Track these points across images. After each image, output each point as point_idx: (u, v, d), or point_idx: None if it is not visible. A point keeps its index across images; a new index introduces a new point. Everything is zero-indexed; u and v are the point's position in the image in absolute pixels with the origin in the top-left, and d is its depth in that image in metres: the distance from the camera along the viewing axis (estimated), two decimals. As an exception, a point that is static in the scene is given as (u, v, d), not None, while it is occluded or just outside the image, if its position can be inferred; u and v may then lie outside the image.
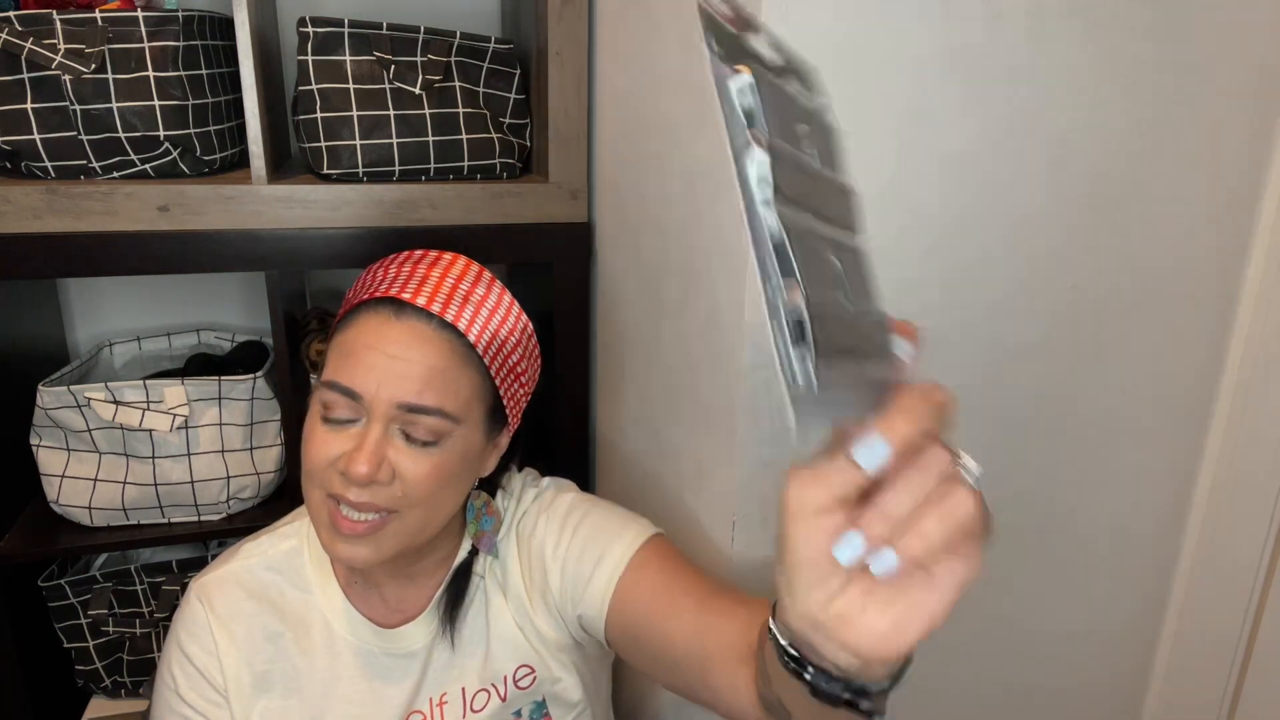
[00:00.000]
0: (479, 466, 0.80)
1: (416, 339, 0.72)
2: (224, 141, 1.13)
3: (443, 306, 0.74)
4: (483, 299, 0.77)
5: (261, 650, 0.82)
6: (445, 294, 0.75)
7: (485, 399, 0.76)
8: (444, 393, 0.72)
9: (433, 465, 0.73)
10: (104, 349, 1.37)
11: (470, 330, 0.74)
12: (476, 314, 0.76)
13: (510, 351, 0.78)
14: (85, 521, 1.20)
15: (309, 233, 1.11)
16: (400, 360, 0.71)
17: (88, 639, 1.29)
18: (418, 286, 0.75)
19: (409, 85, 1.11)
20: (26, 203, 1.03)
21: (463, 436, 0.75)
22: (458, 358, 0.74)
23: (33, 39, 1.00)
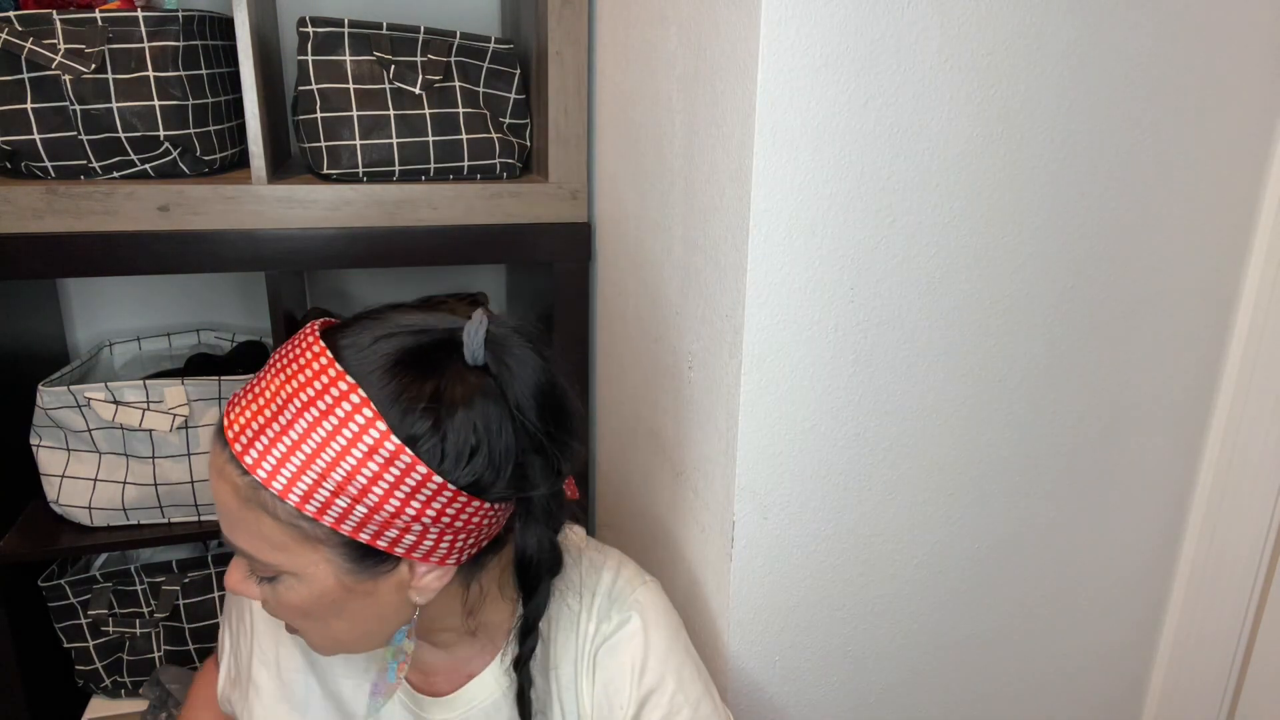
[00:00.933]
0: (379, 603, 0.65)
1: (213, 469, 0.63)
2: (224, 141, 1.13)
3: (239, 432, 0.60)
4: (308, 429, 0.59)
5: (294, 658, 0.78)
6: (255, 417, 0.60)
7: (325, 542, 0.61)
8: (245, 535, 0.62)
9: (282, 601, 0.65)
10: (104, 349, 1.36)
11: (259, 468, 0.59)
12: (288, 452, 0.59)
13: (359, 493, 0.59)
14: (85, 521, 1.20)
15: (309, 233, 1.11)
16: (211, 489, 0.64)
17: (88, 639, 1.29)
18: (244, 403, 0.62)
19: (409, 85, 1.11)
20: (26, 203, 1.03)
21: (303, 580, 0.63)
22: (245, 501, 0.61)
23: (33, 39, 1.00)
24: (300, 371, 0.61)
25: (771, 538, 0.86)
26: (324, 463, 0.59)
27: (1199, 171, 0.88)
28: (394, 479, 0.59)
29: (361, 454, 0.59)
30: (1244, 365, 0.96)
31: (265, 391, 0.61)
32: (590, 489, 1.35)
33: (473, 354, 0.62)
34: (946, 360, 0.86)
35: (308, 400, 0.59)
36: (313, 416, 0.59)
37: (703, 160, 0.84)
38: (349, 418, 0.59)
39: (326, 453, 0.59)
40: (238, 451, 0.60)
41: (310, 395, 0.59)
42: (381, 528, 0.61)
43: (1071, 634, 1.04)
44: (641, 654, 0.75)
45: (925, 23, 0.74)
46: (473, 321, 0.63)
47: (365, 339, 0.62)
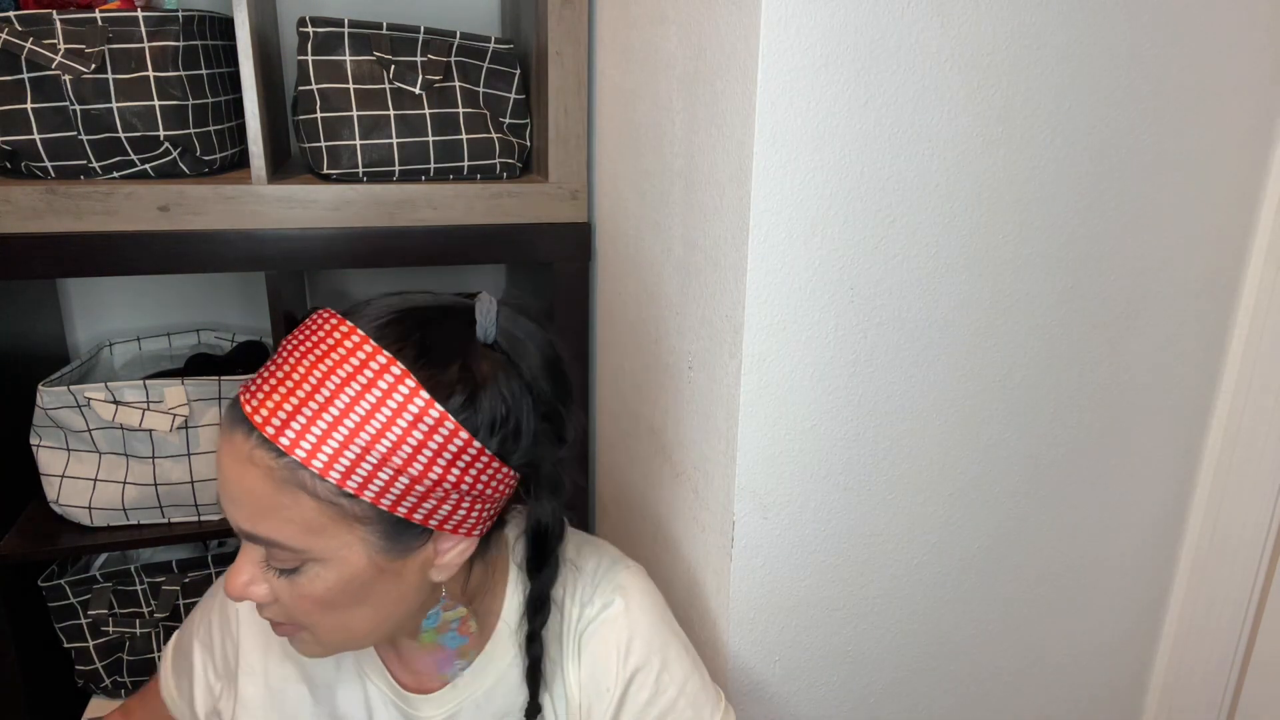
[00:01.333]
0: (403, 584, 0.66)
1: (237, 458, 0.61)
2: (224, 141, 1.13)
3: (268, 416, 0.60)
4: (348, 406, 0.60)
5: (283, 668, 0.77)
6: (285, 399, 0.60)
7: (363, 520, 0.62)
8: (276, 522, 0.61)
9: (303, 594, 0.63)
10: (104, 349, 1.36)
11: (297, 448, 0.59)
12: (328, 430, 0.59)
13: (403, 464, 0.60)
14: (85, 521, 1.20)
15: (309, 233, 1.11)
16: (230, 482, 0.62)
17: (88, 639, 1.29)
18: (268, 388, 0.62)
19: (409, 85, 1.11)
20: (26, 203, 1.03)
21: (332, 565, 0.63)
22: (280, 484, 0.60)
23: (33, 39, 1.00)
24: (332, 351, 0.62)
25: (771, 538, 0.86)
26: (367, 437, 0.60)
27: (1199, 171, 0.88)
28: (436, 447, 0.61)
29: (405, 424, 0.60)
30: (1244, 364, 0.96)
31: (293, 374, 0.61)
32: (590, 489, 1.35)
33: (485, 332, 0.65)
34: (946, 360, 0.86)
35: (345, 377, 0.60)
36: (353, 392, 0.60)
37: (703, 160, 0.84)
38: (392, 389, 0.60)
39: (370, 427, 0.60)
40: (271, 434, 0.59)
41: (347, 372, 0.61)
42: (420, 499, 0.62)
43: (1072, 633, 1.04)
44: (626, 635, 0.76)
45: (925, 23, 0.74)
46: (482, 303, 0.66)
47: (385, 319, 0.63)
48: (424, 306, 0.66)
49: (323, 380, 0.61)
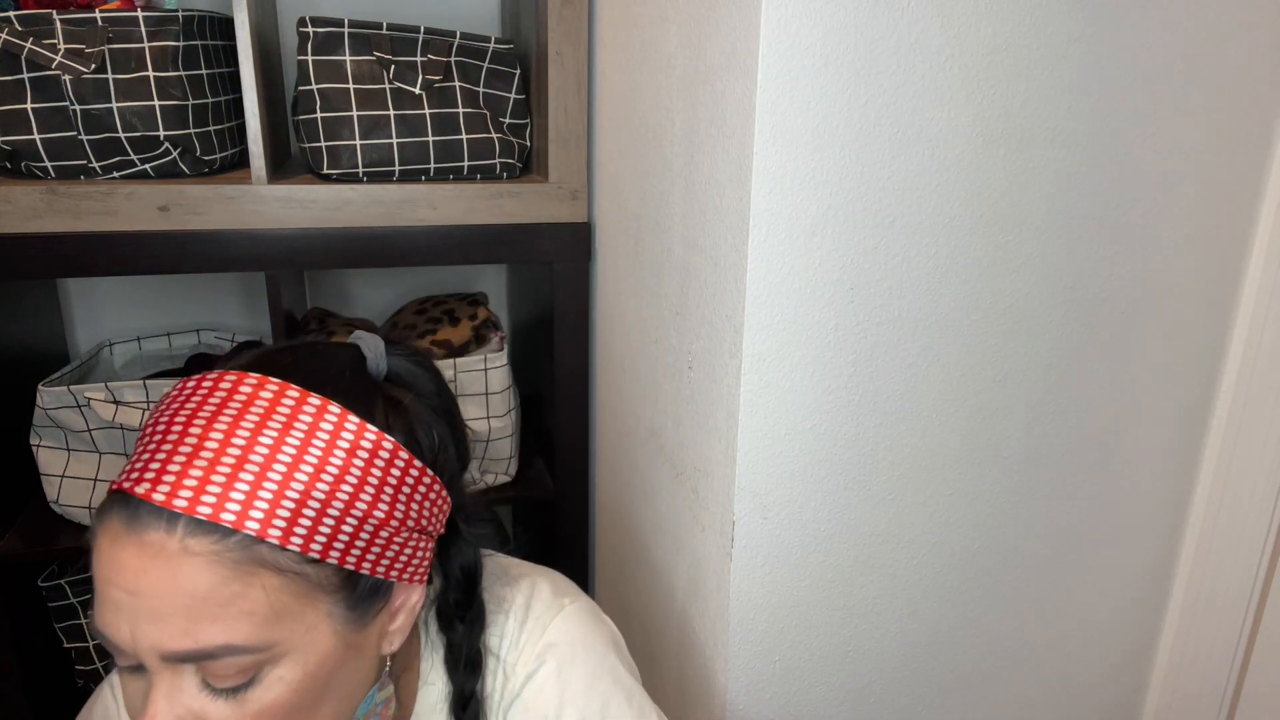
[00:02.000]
0: (363, 661, 0.58)
1: (158, 561, 0.50)
2: (224, 141, 1.13)
3: (195, 495, 0.50)
4: (280, 456, 0.52)
5: None
6: (208, 471, 0.51)
7: (324, 585, 0.54)
8: (227, 623, 0.50)
9: (258, 710, 0.52)
10: (104, 349, 1.36)
11: (247, 520, 0.50)
12: (277, 491, 0.51)
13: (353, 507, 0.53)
14: (85, 521, 1.20)
15: (309, 233, 1.11)
16: (145, 597, 0.50)
17: (88, 639, 1.29)
18: (175, 466, 0.51)
19: (409, 85, 1.11)
20: (26, 203, 1.03)
21: (296, 658, 0.53)
22: (231, 570, 0.50)
23: (33, 39, 1.00)
24: (227, 403, 0.53)
25: (771, 538, 0.86)
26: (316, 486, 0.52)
27: (1199, 171, 0.88)
28: (379, 474, 0.55)
29: (343, 458, 0.53)
30: (1244, 365, 0.96)
31: (199, 441, 0.52)
32: (590, 489, 1.35)
33: (376, 367, 0.62)
34: (946, 360, 0.86)
35: (256, 426, 0.52)
36: (275, 440, 0.52)
37: (703, 160, 0.84)
38: (316, 423, 0.53)
39: (314, 474, 0.52)
40: (208, 513, 0.50)
41: (256, 419, 0.52)
42: (381, 547, 0.56)
43: (1072, 633, 1.04)
44: (556, 701, 0.67)
45: (925, 23, 0.74)
46: (365, 340, 0.62)
47: (266, 360, 0.57)
48: (302, 345, 0.62)
49: (233, 436, 0.52)
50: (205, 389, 0.55)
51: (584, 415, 1.29)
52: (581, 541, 1.36)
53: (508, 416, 1.29)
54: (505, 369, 1.27)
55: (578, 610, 0.71)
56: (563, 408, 1.27)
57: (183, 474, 0.51)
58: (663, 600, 1.05)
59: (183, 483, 0.51)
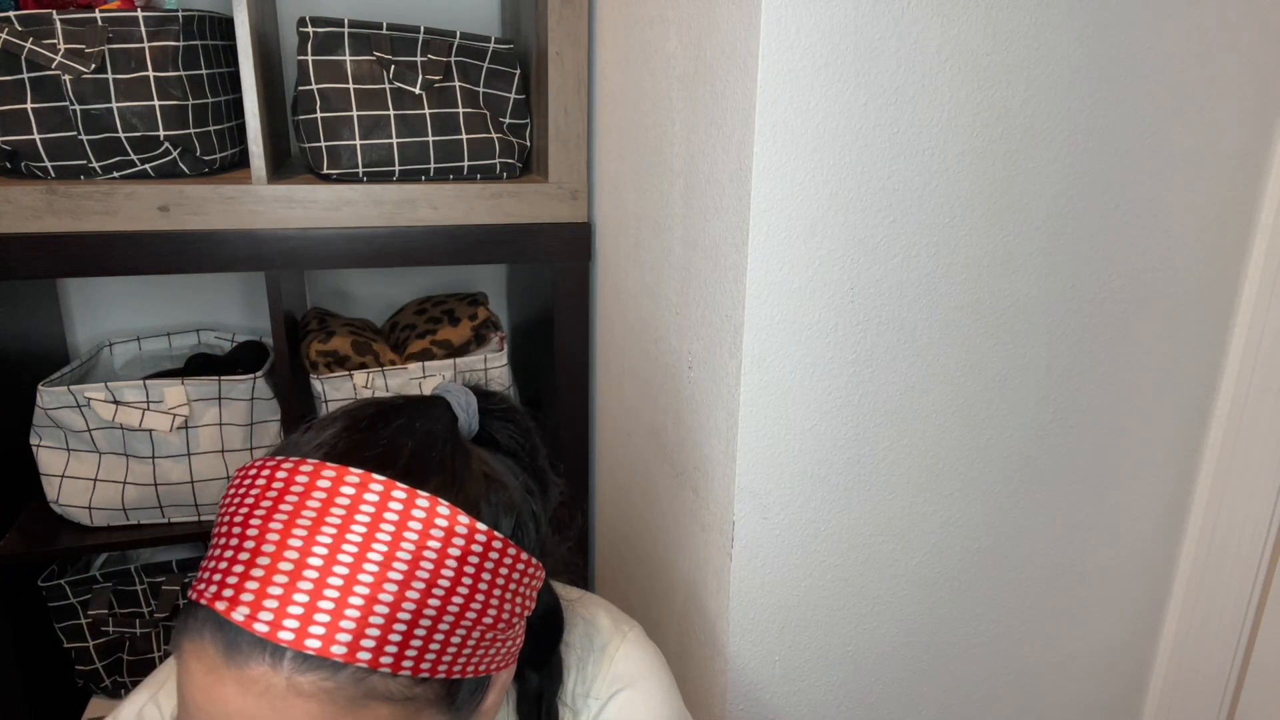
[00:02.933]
0: None
1: (263, 701, 0.46)
2: (224, 141, 1.13)
3: (301, 626, 0.45)
4: (382, 567, 0.47)
5: None
6: (314, 596, 0.46)
7: (430, 700, 0.51)
8: None
9: None
10: (104, 349, 1.36)
11: (359, 651, 0.46)
12: (388, 617, 0.47)
13: (461, 614, 0.50)
14: (85, 521, 1.20)
15: (309, 233, 1.11)
16: None
17: (88, 639, 1.29)
18: (259, 580, 0.46)
19: (409, 85, 1.11)
20: (26, 203, 1.03)
21: None
22: (345, 704, 0.47)
23: (33, 39, 1.00)
24: (330, 506, 0.48)
25: (771, 538, 0.86)
26: (423, 600, 0.47)
27: (1199, 171, 0.88)
28: (490, 574, 0.51)
29: (455, 561, 0.49)
30: (1244, 364, 0.96)
31: (305, 559, 0.47)
32: (590, 489, 1.35)
33: (469, 426, 0.58)
34: (946, 360, 0.86)
35: (364, 534, 0.47)
36: (382, 552, 0.47)
37: (703, 160, 0.84)
38: (427, 528, 0.48)
39: (416, 586, 0.47)
40: (317, 647, 0.45)
41: (365, 525, 0.47)
42: (486, 649, 0.52)
43: (1072, 633, 1.04)
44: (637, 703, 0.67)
45: (925, 23, 0.74)
46: (456, 395, 0.58)
47: (373, 448, 0.52)
48: (393, 417, 0.55)
49: (339, 552, 0.47)
50: (300, 486, 0.49)
51: (584, 415, 1.29)
52: (582, 542, 1.36)
53: (508, 416, 1.29)
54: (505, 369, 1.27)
55: (638, 638, 0.71)
56: (563, 408, 1.27)
57: (286, 599, 0.46)
58: (663, 600, 1.05)
59: (287, 610, 0.45)
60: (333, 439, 0.52)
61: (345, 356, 1.22)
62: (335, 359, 1.21)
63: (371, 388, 1.20)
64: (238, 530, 0.49)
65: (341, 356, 1.21)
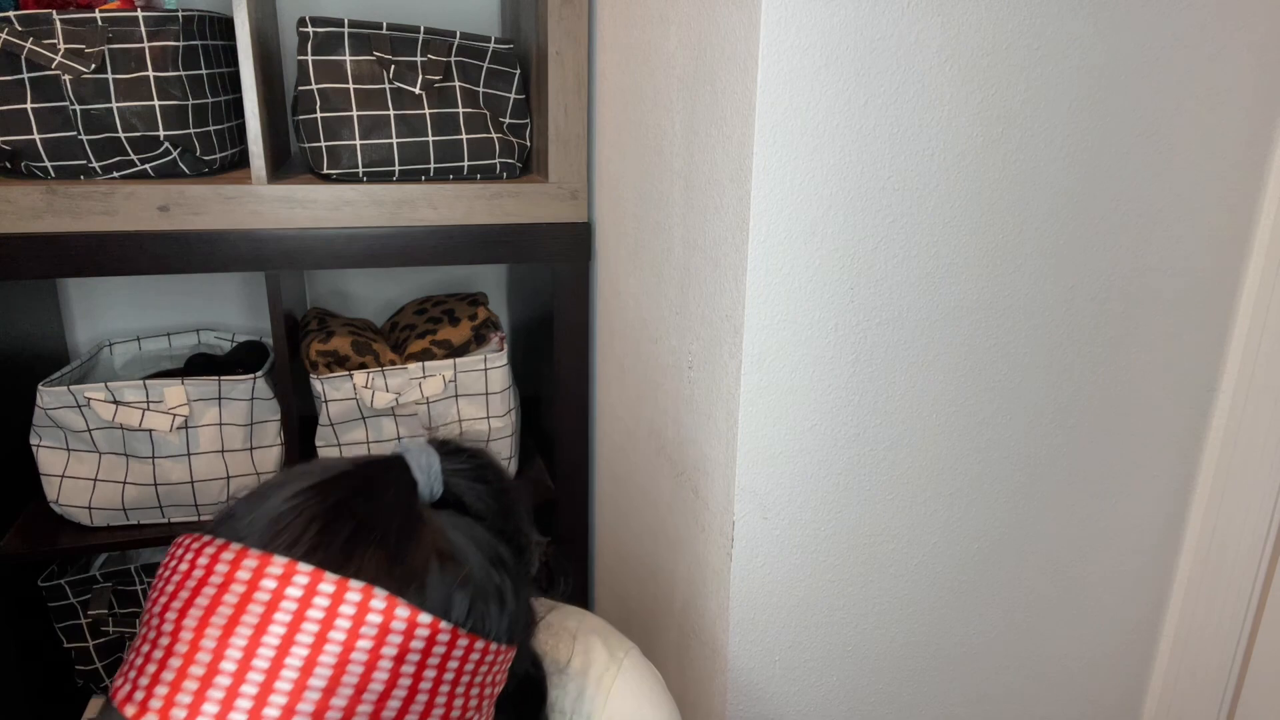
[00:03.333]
0: None
1: None
2: (224, 141, 1.13)
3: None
4: (305, 665, 0.44)
5: None
6: (213, 699, 0.43)
7: None
8: None
9: None
10: (104, 349, 1.36)
11: None
12: (286, 714, 0.43)
13: (399, 713, 0.45)
14: (85, 521, 1.20)
15: (309, 233, 1.11)
16: None
17: (88, 639, 1.29)
18: (169, 685, 0.44)
19: (409, 85, 1.11)
20: (26, 203, 1.03)
21: None
22: None
23: (33, 39, 1.00)
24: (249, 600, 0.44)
25: (771, 538, 0.86)
26: (343, 701, 0.44)
27: (1199, 171, 0.88)
28: (437, 662, 0.47)
29: (368, 646, 0.45)
30: (1244, 364, 0.96)
31: (191, 661, 0.44)
32: (590, 489, 1.35)
33: (431, 490, 0.53)
34: (946, 360, 0.86)
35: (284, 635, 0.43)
36: (303, 656, 0.43)
37: (703, 160, 0.84)
38: (332, 611, 0.44)
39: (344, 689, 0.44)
40: None
41: (284, 624, 0.43)
42: None
43: (1072, 633, 1.04)
44: None
45: (925, 23, 0.74)
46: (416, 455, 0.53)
47: (280, 517, 0.47)
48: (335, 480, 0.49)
49: (254, 656, 0.43)
50: (220, 576, 0.45)
51: (584, 415, 1.29)
52: (581, 541, 1.36)
53: (508, 416, 1.29)
54: (505, 369, 1.27)
55: (633, 665, 0.69)
56: (563, 408, 1.27)
57: (195, 708, 0.43)
58: (663, 600, 1.05)
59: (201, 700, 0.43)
60: (268, 515, 0.48)
61: (345, 356, 1.22)
62: (335, 359, 1.21)
63: (371, 387, 1.20)
64: (155, 623, 0.46)
65: (341, 356, 1.21)
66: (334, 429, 1.23)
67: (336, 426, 1.23)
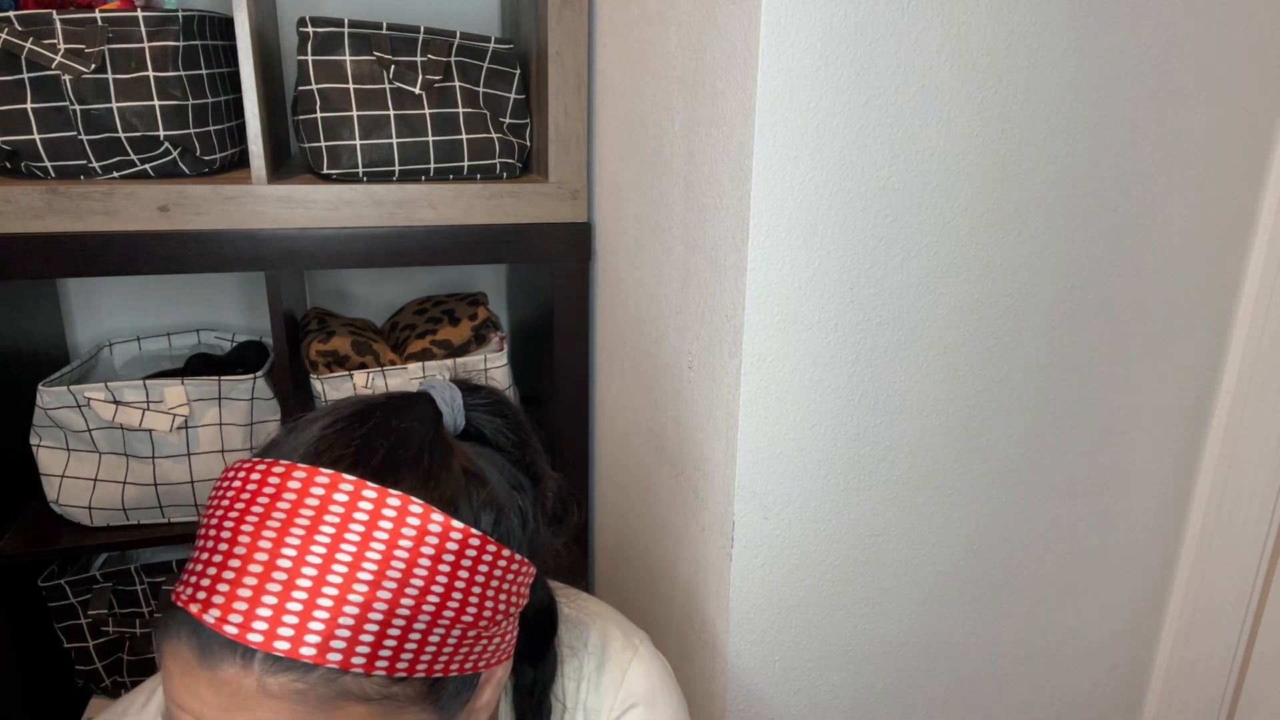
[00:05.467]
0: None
1: (235, 700, 0.46)
2: (224, 141, 1.13)
3: (269, 625, 0.46)
4: (351, 567, 0.47)
5: None
6: (270, 592, 0.47)
7: (411, 698, 0.50)
8: None
9: None
10: (104, 349, 1.36)
11: (328, 649, 0.46)
12: (337, 607, 0.47)
13: (440, 612, 0.50)
14: (85, 521, 1.20)
15: (309, 233, 1.11)
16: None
17: (88, 639, 1.29)
18: (229, 582, 0.47)
19: (409, 85, 1.11)
20: (26, 203, 1.03)
21: None
22: (316, 704, 0.47)
23: (33, 39, 1.00)
24: (299, 507, 0.48)
25: (771, 538, 0.86)
26: (395, 599, 0.48)
27: (1199, 171, 0.88)
28: (468, 571, 0.51)
29: (429, 559, 0.49)
30: (1244, 364, 0.96)
31: (275, 560, 0.47)
32: (590, 489, 1.35)
33: (454, 422, 0.58)
34: (946, 360, 0.86)
35: (333, 535, 0.47)
36: (351, 552, 0.47)
37: (703, 160, 0.84)
38: (399, 526, 0.48)
39: (387, 585, 0.48)
40: (285, 650, 0.46)
41: (334, 525, 0.48)
42: (469, 647, 0.52)
43: (1072, 633, 1.04)
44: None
45: (925, 23, 0.74)
46: (440, 390, 0.58)
47: (347, 447, 0.52)
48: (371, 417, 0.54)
49: (307, 553, 0.47)
50: (272, 488, 0.49)
51: (584, 415, 1.29)
52: (581, 541, 1.36)
53: (508, 416, 1.29)
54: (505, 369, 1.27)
55: (649, 652, 0.72)
56: (563, 408, 1.27)
57: (255, 601, 0.46)
58: (663, 600, 1.05)
59: (256, 612, 0.46)
60: (310, 439, 0.53)
61: (345, 356, 1.22)
62: (335, 359, 1.21)
63: (371, 388, 1.20)
64: (213, 533, 0.50)
65: (341, 356, 1.21)
66: (334, 429, 1.23)
67: (336, 426, 1.23)
